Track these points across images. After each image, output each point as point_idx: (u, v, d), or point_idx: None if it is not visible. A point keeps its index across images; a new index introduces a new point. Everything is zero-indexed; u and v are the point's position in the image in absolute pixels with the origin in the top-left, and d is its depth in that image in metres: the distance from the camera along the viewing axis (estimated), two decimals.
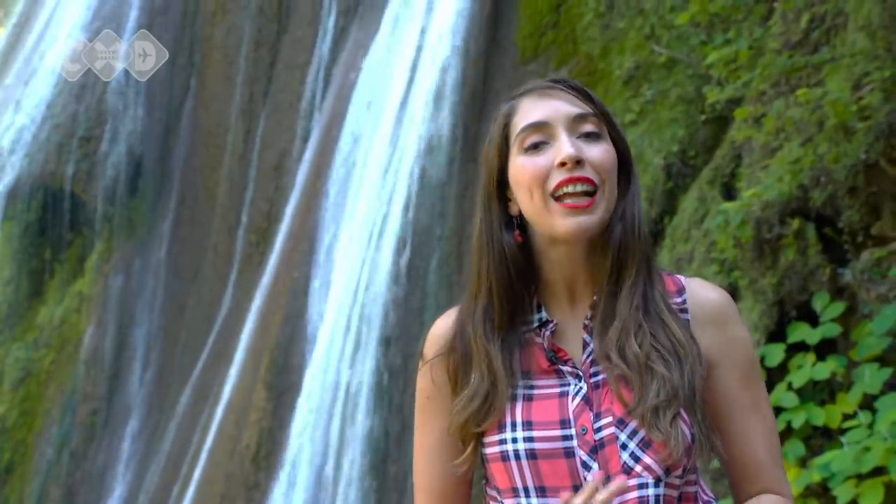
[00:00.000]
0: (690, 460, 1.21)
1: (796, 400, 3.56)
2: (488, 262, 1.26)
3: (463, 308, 1.29)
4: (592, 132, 1.25)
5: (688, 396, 1.19)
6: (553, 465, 1.20)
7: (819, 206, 3.79)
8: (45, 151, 8.74)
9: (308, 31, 7.75)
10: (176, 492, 7.01)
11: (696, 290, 1.29)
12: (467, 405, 1.23)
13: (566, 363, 1.24)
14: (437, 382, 1.28)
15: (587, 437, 1.20)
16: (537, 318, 1.27)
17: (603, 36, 5.74)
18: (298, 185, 7.26)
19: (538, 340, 1.26)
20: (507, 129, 1.27)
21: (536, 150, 1.24)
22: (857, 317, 3.66)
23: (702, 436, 1.20)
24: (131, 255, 8.54)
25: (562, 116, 1.24)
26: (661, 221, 4.94)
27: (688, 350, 1.21)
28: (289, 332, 6.56)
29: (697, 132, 5.07)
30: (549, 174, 1.22)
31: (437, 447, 1.28)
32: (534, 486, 1.20)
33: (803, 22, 4.15)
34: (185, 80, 8.75)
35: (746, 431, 1.24)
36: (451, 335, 1.28)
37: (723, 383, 1.24)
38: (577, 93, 1.27)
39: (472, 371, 1.25)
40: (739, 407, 1.24)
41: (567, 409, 1.22)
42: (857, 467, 3.20)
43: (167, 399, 7.85)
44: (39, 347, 8.66)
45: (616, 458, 1.19)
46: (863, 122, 3.60)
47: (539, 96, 1.27)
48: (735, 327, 1.27)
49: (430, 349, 1.30)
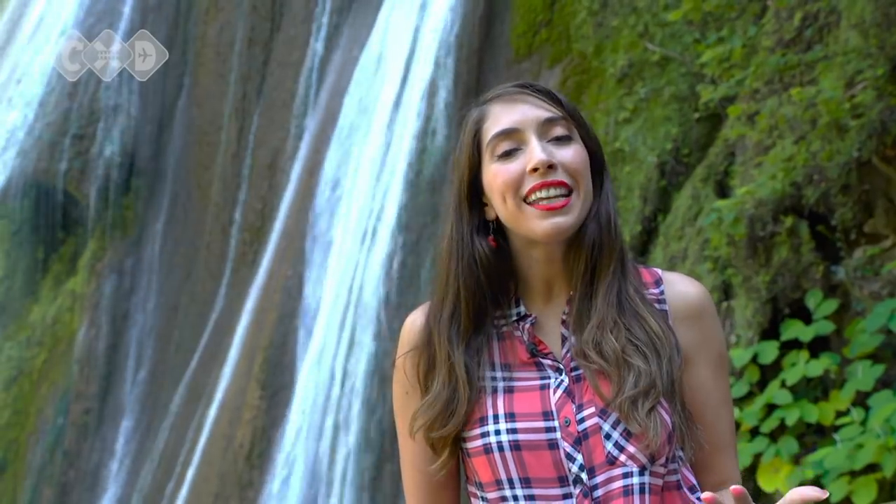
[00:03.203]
0: (672, 448, 1.22)
1: (790, 397, 3.57)
2: (457, 266, 1.27)
3: (430, 312, 1.30)
4: (563, 135, 1.26)
5: (666, 386, 1.21)
6: (537, 457, 1.21)
7: (812, 204, 3.80)
8: (38, 149, 8.70)
9: (301, 29, 7.74)
10: (170, 491, 6.99)
11: (675, 284, 1.30)
12: (428, 409, 1.25)
13: (547, 356, 1.26)
14: (410, 379, 1.29)
15: (570, 428, 1.21)
16: (516, 312, 1.28)
17: (596, 34, 5.75)
18: (292, 184, 7.25)
19: (517, 333, 1.27)
20: (479, 135, 1.28)
21: (509, 157, 1.25)
22: (850, 314, 3.67)
23: (682, 424, 1.22)
24: (124, 253, 8.52)
25: (531, 122, 1.25)
26: (654, 219, 4.95)
27: (664, 342, 1.23)
28: (282, 331, 6.55)
29: (691, 130, 5.07)
30: (523, 180, 1.23)
31: (421, 443, 1.28)
32: (518, 478, 1.21)
33: (796, 20, 4.15)
34: (179, 78, 8.72)
35: (717, 422, 1.27)
36: (422, 333, 1.29)
37: (698, 377, 1.26)
38: (545, 96, 1.28)
39: (437, 375, 1.26)
40: (712, 400, 1.27)
41: (549, 401, 1.23)
42: (850, 464, 3.21)
43: (161, 398, 7.83)
44: (32, 346, 8.63)
45: (600, 449, 1.20)
46: (856, 120, 3.61)
47: (508, 102, 1.28)
48: (712, 323, 1.29)
49: (402, 345, 1.32)
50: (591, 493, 1.20)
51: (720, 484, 1.29)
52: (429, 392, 1.26)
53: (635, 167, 5.15)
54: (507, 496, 1.22)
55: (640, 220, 4.97)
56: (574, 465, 1.20)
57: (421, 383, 1.28)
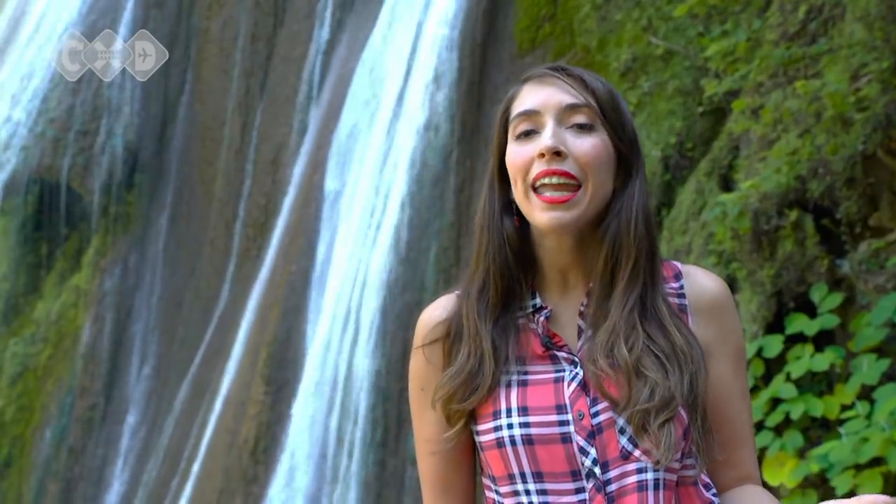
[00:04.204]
0: (688, 444, 1.21)
1: (795, 391, 3.56)
2: (487, 243, 1.25)
3: (462, 288, 1.29)
4: (584, 124, 1.22)
5: (687, 400, 1.19)
6: (550, 451, 1.19)
7: (817, 198, 3.79)
8: (42, 146, 8.71)
9: (305, 24, 7.73)
10: (175, 486, 7.01)
11: (696, 278, 1.28)
12: (451, 380, 1.23)
13: (561, 349, 1.24)
14: (433, 363, 1.27)
15: (584, 422, 1.19)
16: (531, 305, 1.26)
17: (600, 28, 5.73)
18: (296, 179, 7.25)
19: (532, 326, 1.25)
20: (507, 114, 1.27)
21: (526, 138, 1.23)
22: (855, 308, 3.67)
23: (698, 437, 1.21)
24: (128, 249, 8.53)
25: (552, 106, 1.23)
26: (658, 213, 4.94)
27: (689, 356, 1.20)
28: (287, 327, 6.56)
29: (695, 124, 5.06)
30: (532, 164, 1.22)
31: (437, 432, 1.27)
32: (531, 472, 1.20)
33: (801, 13, 4.14)
34: (182, 73, 8.72)
35: (735, 419, 1.26)
36: (448, 317, 1.28)
37: (717, 372, 1.25)
38: (575, 81, 1.25)
39: (462, 349, 1.24)
40: (731, 395, 1.25)
41: (563, 394, 1.21)
42: (855, 458, 3.20)
43: (165, 393, 7.85)
44: (37, 342, 8.65)
45: (614, 443, 1.19)
46: (860, 113, 3.60)
47: (537, 83, 1.26)
48: (732, 317, 1.27)
49: (421, 335, 1.29)
50: (604, 488, 1.18)
51: (742, 479, 1.27)
52: (452, 365, 1.24)
53: None
54: (518, 490, 1.21)
55: None
56: (587, 459, 1.18)
57: (445, 361, 1.26)
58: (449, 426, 1.24)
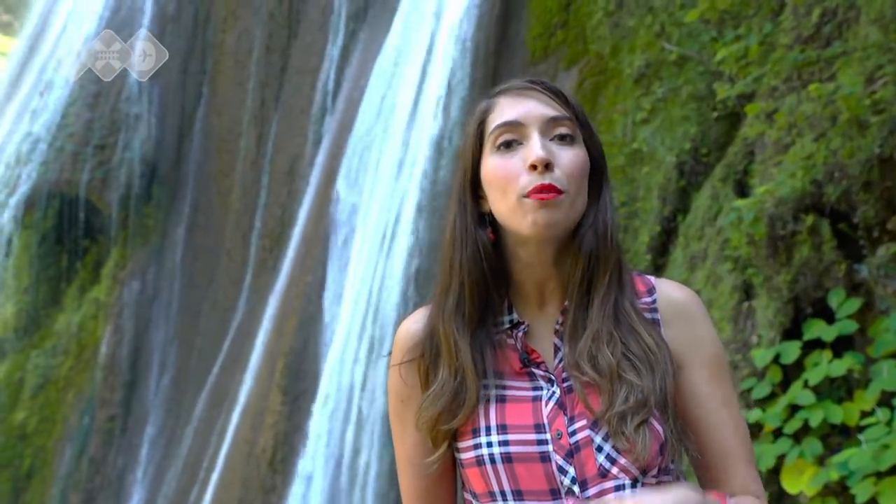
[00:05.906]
0: (665, 459, 1.21)
1: (813, 398, 3.52)
2: (461, 257, 1.25)
3: (433, 306, 1.28)
4: (566, 135, 1.24)
5: (660, 402, 1.20)
6: (529, 470, 1.20)
7: (833, 202, 3.75)
8: (61, 160, 8.82)
9: (318, 35, 7.77)
10: (194, 496, 7.04)
11: (665, 290, 1.29)
12: (435, 401, 1.22)
13: (539, 366, 1.24)
14: (409, 384, 1.27)
15: (562, 441, 1.20)
16: (508, 320, 1.26)
17: (613, 35, 5.72)
18: (311, 190, 7.28)
19: (510, 342, 1.25)
20: (482, 126, 1.27)
21: (508, 149, 1.23)
22: (874, 313, 3.62)
23: (673, 438, 1.21)
24: (146, 261, 8.60)
25: (536, 117, 1.24)
26: (674, 219, 4.92)
27: (659, 357, 1.22)
28: (303, 337, 6.58)
29: (709, 129, 5.04)
30: (520, 175, 1.22)
31: (419, 450, 1.27)
32: (510, 490, 1.20)
33: (815, 16, 4.11)
34: (198, 86, 8.79)
35: (719, 426, 1.24)
36: (422, 336, 1.27)
37: (692, 381, 1.25)
38: (554, 95, 1.26)
39: (441, 367, 1.24)
40: (710, 403, 1.25)
41: (541, 413, 1.21)
42: (875, 465, 3.16)
43: (184, 404, 7.89)
44: (58, 354, 8.73)
45: (592, 462, 1.19)
46: (876, 116, 3.57)
47: (515, 96, 1.26)
48: (702, 326, 1.27)
49: (398, 351, 1.29)
50: None
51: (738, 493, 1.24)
52: (431, 387, 1.24)
53: (654, 167, 5.12)
54: None
55: (660, 220, 4.94)
56: (566, 477, 1.19)
57: (422, 380, 1.26)
58: (434, 448, 1.24)
